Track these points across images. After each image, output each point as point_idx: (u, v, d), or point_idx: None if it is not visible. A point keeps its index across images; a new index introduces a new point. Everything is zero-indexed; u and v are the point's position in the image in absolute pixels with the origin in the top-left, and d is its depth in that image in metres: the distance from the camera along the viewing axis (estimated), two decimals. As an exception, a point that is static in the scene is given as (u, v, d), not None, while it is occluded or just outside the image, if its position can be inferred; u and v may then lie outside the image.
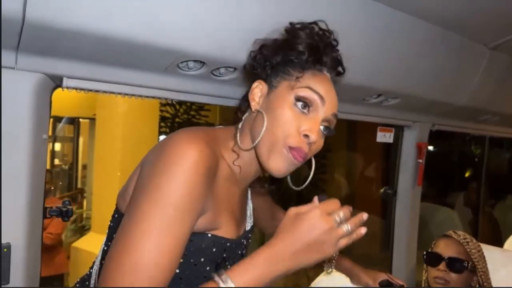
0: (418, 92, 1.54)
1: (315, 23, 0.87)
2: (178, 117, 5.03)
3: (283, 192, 4.64)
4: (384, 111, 1.66)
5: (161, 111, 4.81)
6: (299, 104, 0.81)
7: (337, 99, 0.88)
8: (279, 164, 0.82)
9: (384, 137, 1.80)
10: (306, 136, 0.80)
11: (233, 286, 0.68)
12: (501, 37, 1.47)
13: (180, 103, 4.86)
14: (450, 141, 4.93)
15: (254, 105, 0.86)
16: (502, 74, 1.73)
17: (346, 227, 0.73)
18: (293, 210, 0.75)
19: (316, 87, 0.82)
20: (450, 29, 1.37)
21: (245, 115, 0.89)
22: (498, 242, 3.05)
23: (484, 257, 1.57)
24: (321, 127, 0.84)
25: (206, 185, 0.74)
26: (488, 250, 1.69)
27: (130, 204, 0.73)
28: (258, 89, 0.87)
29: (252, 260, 0.71)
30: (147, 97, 1.10)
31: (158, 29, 0.89)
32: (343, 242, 0.74)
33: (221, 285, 0.68)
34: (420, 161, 1.90)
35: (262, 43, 0.89)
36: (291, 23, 0.88)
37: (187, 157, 0.70)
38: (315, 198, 0.77)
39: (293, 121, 0.81)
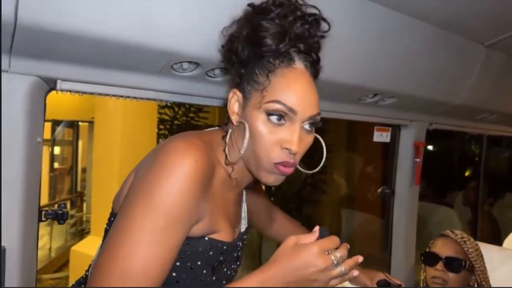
0: (414, 91, 1.54)
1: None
2: (176, 119, 5.03)
3: (283, 193, 4.65)
4: (380, 111, 1.66)
5: (160, 113, 4.81)
6: (273, 118, 0.77)
7: (319, 96, 0.82)
8: (270, 179, 0.82)
9: (381, 136, 1.80)
10: (287, 149, 0.78)
11: None
12: (497, 35, 1.48)
13: (179, 105, 4.85)
14: (448, 140, 4.92)
15: (234, 118, 0.83)
16: (498, 72, 1.73)
17: (340, 269, 0.74)
18: (292, 239, 0.76)
19: (284, 97, 0.77)
20: (446, 28, 1.37)
21: (230, 129, 0.86)
22: (498, 240, 3.04)
23: (482, 256, 1.57)
24: (306, 126, 0.81)
25: (200, 194, 0.74)
26: (487, 249, 1.68)
27: (121, 210, 0.73)
28: (234, 100, 0.84)
29: (243, 283, 0.73)
30: (141, 99, 1.09)
31: (152, 30, 0.89)
32: (334, 282, 0.75)
33: None
34: (418, 160, 1.90)
35: (232, 33, 0.84)
36: (251, 6, 0.81)
37: (181, 167, 0.70)
38: (316, 228, 0.77)
39: (270, 137, 0.78)
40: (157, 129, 4.59)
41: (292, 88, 0.78)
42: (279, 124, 0.78)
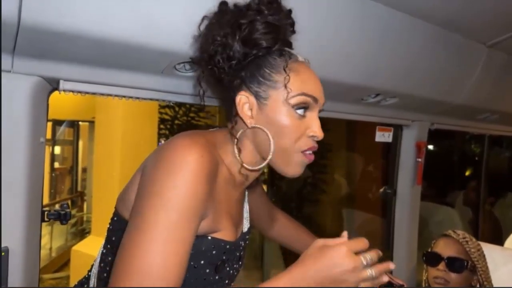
0: (416, 91, 1.53)
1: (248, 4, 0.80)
2: (177, 119, 5.03)
3: (283, 193, 4.65)
4: (382, 111, 1.66)
5: (160, 113, 4.81)
6: (299, 111, 0.81)
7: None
8: (298, 170, 0.84)
9: (383, 136, 1.80)
10: (313, 136, 0.82)
11: None
12: (499, 35, 1.47)
13: (180, 105, 4.86)
14: (450, 140, 4.92)
15: (250, 122, 0.82)
16: (500, 72, 1.73)
17: (370, 272, 0.73)
18: (320, 242, 0.75)
19: (308, 89, 0.81)
20: (448, 27, 1.37)
21: (239, 132, 0.84)
22: (499, 240, 3.04)
23: (484, 256, 1.57)
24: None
25: (207, 189, 0.74)
26: (488, 249, 1.68)
27: (133, 211, 0.73)
28: (245, 102, 0.82)
29: (273, 284, 0.71)
30: (144, 99, 1.09)
31: (154, 30, 0.88)
32: (364, 285, 0.73)
33: None
34: (419, 160, 1.90)
35: (214, 40, 0.80)
36: (233, 12, 0.81)
37: (188, 162, 0.70)
38: (344, 233, 0.77)
39: (297, 129, 0.81)
40: (157, 129, 4.59)
41: (309, 79, 0.83)
42: (303, 115, 0.82)
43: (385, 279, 0.75)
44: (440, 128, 2.01)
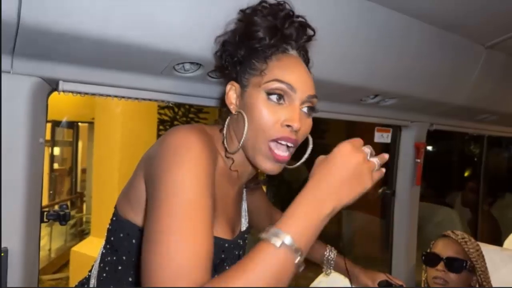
0: (415, 92, 1.54)
1: (263, 1, 0.85)
2: (176, 120, 5.04)
3: (283, 193, 4.65)
4: (381, 111, 1.66)
5: (160, 114, 4.82)
6: (273, 97, 0.81)
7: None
8: (268, 165, 0.82)
9: (382, 137, 1.80)
10: (289, 126, 0.80)
11: (289, 237, 0.61)
12: (498, 36, 1.48)
13: (179, 105, 4.86)
14: (448, 140, 4.92)
15: (233, 108, 0.86)
16: (499, 73, 1.73)
17: (376, 160, 0.72)
18: (321, 156, 0.73)
19: (283, 76, 0.81)
20: (447, 28, 1.37)
21: (227, 120, 0.89)
22: (498, 241, 3.04)
23: (483, 257, 1.57)
24: (304, 109, 0.83)
25: (213, 169, 0.73)
26: (487, 249, 1.68)
27: (151, 203, 0.70)
28: (232, 91, 0.87)
29: (295, 206, 0.66)
30: (143, 99, 1.10)
31: (154, 31, 0.89)
32: (377, 175, 0.72)
33: (275, 241, 0.61)
34: (418, 161, 1.90)
35: (224, 39, 0.89)
36: (241, 11, 0.86)
37: (192, 143, 0.71)
38: None
39: (271, 115, 0.80)
40: (157, 130, 4.59)
41: (289, 68, 0.83)
42: (279, 103, 0.81)
43: (383, 169, 0.74)
44: (439, 129, 2.01)
